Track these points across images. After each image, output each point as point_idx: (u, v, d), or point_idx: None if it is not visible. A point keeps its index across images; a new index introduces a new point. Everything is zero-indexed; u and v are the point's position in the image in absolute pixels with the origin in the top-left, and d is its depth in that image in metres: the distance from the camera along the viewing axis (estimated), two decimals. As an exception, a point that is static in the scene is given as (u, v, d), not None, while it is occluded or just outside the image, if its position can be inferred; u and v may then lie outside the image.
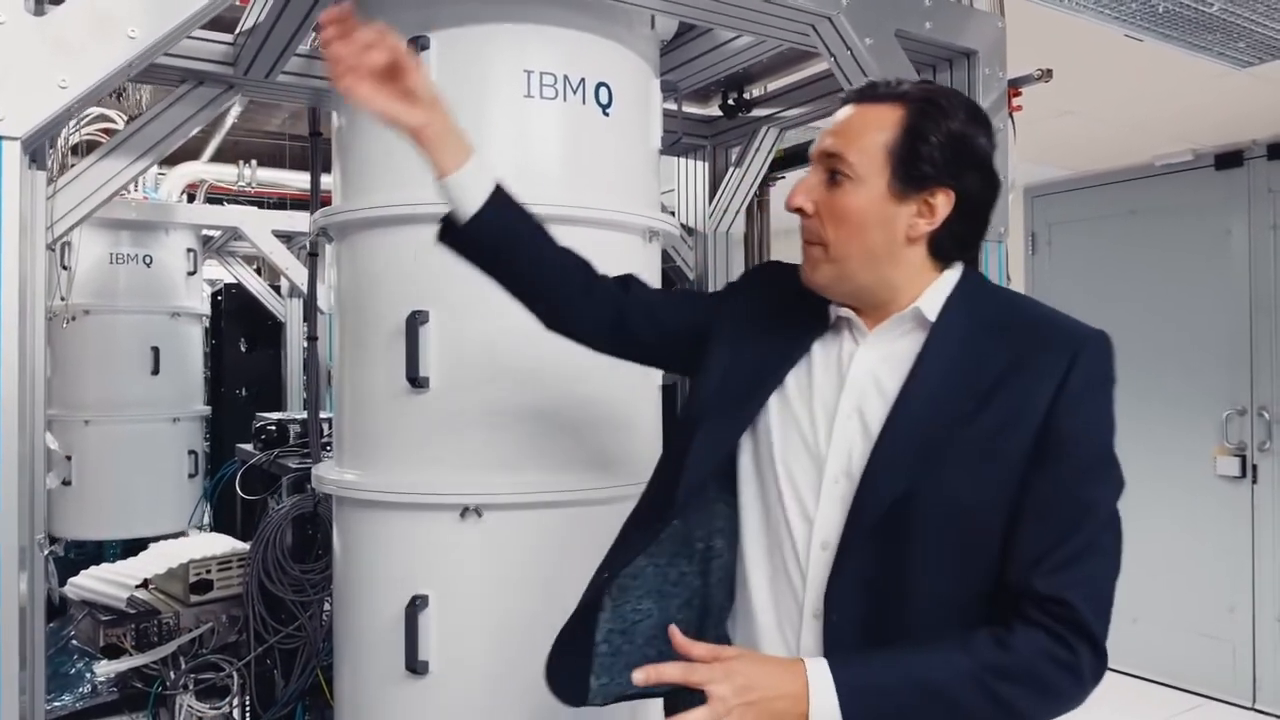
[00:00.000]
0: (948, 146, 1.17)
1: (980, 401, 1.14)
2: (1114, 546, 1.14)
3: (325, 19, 1.18)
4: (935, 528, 1.13)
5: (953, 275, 1.23)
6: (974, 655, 1.07)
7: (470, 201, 1.34)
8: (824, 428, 1.21)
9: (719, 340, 1.34)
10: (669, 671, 1.05)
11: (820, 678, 1.05)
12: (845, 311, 1.24)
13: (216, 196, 5.11)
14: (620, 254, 1.96)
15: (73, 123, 4.06)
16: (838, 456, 1.19)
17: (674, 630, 1.07)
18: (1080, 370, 1.13)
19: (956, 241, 1.22)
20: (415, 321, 1.81)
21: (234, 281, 5.81)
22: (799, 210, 1.22)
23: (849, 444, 1.19)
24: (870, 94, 1.22)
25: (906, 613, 1.14)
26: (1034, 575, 1.09)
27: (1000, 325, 1.19)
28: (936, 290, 1.21)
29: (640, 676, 1.05)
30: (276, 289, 5.68)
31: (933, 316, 1.20)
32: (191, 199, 4.92)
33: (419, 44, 1.82)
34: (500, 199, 1.35)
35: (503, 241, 1.37)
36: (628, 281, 1.46)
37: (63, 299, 3.91)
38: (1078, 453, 1.13)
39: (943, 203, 1.18)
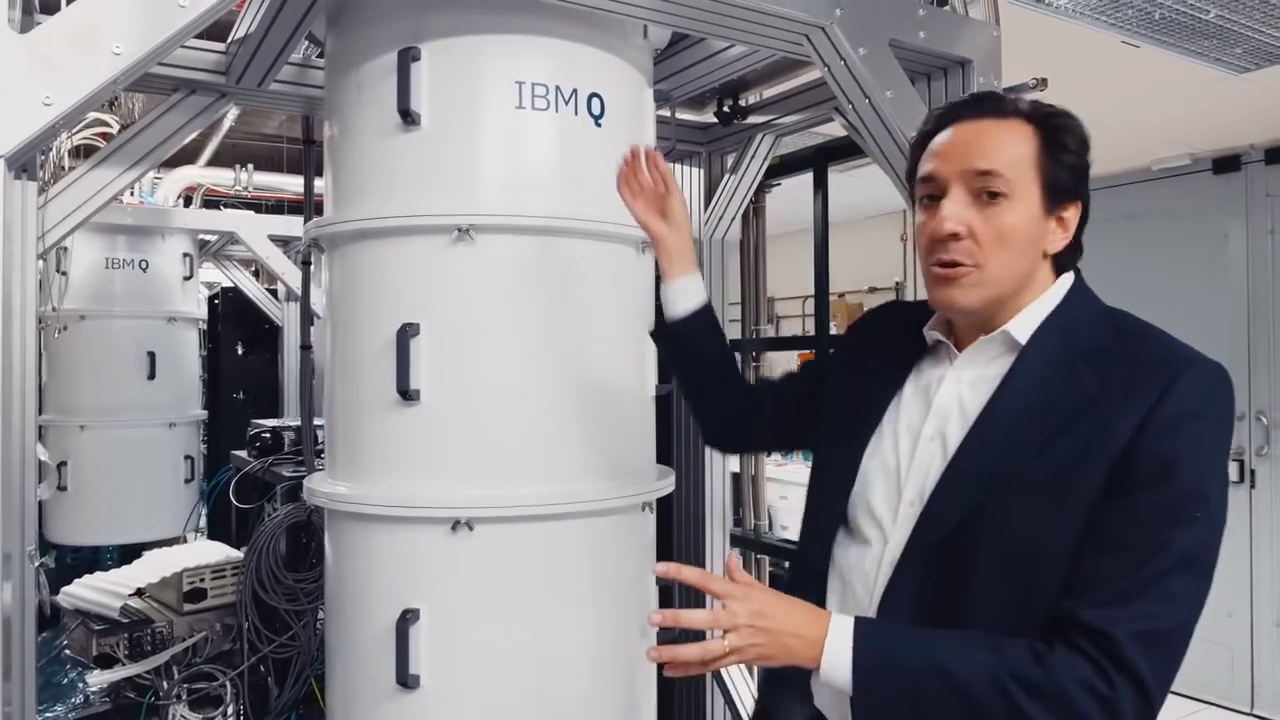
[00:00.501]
0: (1078, 159, 1.18)
1: (1058, 432, 1.09)
2: (1188, 592, 1.03)
3: (640, 153, 1.51)
4: (992, 556, 1.11)
5: (1062, 287, 1.21)
6: (1005, 660, 1.03)
7: (680, 307, 1.56)
8: (907, 451, 1.22)
9: (832, 384, 1.42)
10: (688, 573, 1.11)
11: (841, 631, 1.08)
12: (936, 334, 1.26)
13: (213, 200, 5.11)
14: (613, 265, 1.96)
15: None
16: (915, 480, 1.20)
17: (734, 556, 1.15)
18: (1175, 397, 1.05)
19: (1075, 253, 1.22)
20: (406, 334, 1.80)
21: (231, 285, 5.80)
22: (952, 236, 1.15)
23: (927, 467, 1.20)
24: (992, 109, 1.20)
25: (959, 615, 1.13)
26: (1083, 604, 1.03)
27: (1096, 349, 1.14)
28: (1038, 307, 1.19)
29: (661, 569, 1.12)
30: (274, 293, 5.67)
31: (1024, 338, 1.17)
32: (188, 203, 4.91)
33: (410, 55, 1.81)
34: (705, 314, 1.56)
35: (696, 347, 1.59)
36: (779, 384, 1.67)
37: (54, 309, 3.89)
38: (1158, 483, 1.04)
39: (1072, 215, 1.19)
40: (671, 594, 2.15)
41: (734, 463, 3.33)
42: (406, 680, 1.80)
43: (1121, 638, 1.00)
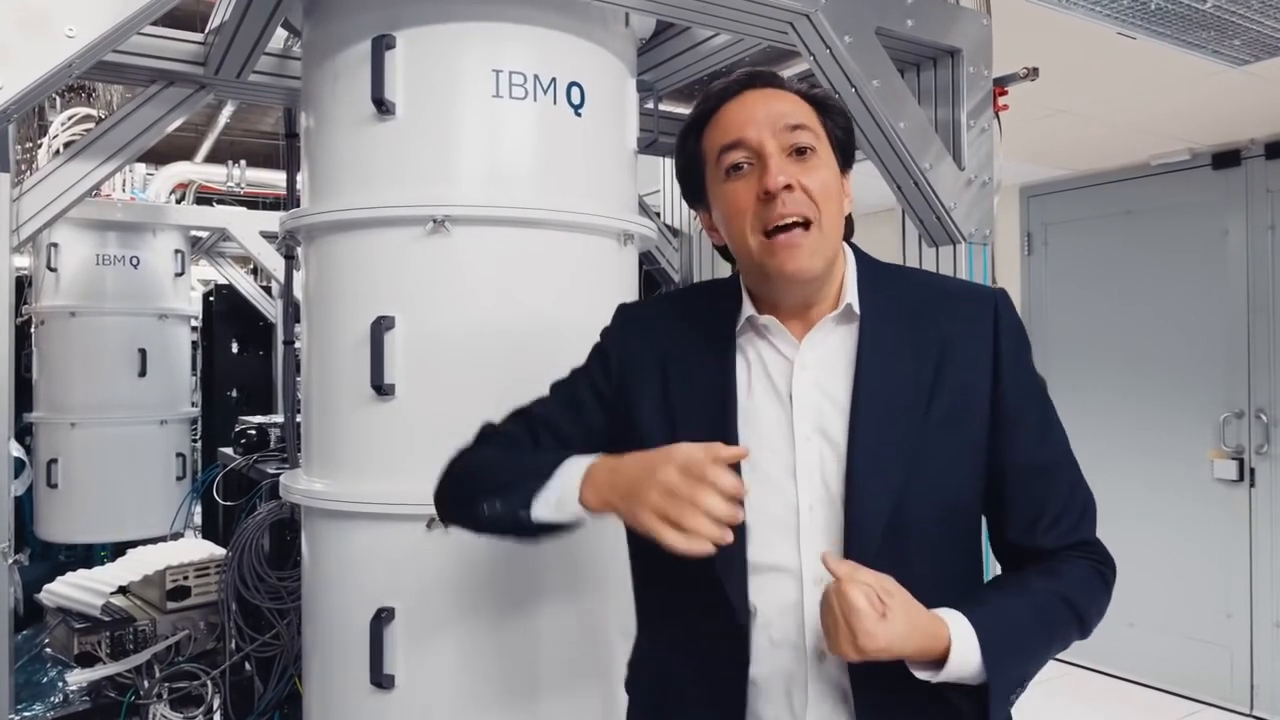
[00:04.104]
0: (848, 132, 1.20)
1: (930, 391, 1.13)
2: (1076, 463, 1.21)
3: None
4: (931, 529, 1.12)
5: (848, 251, 1.21)
6: (1057, 586, 1.13)
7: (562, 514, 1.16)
8: (786, 455, 1.12)
9: (639, 404, 1.21)
10: (841, 566, 1.02)
11: (958, 624, 1.04)
12: (767, 319, 1.17)
13: (206, 197, 5.08)
14: (594, 258, 1.92)
15: (56, 123, 4.03)
16: (808, 484, 1.11)
17: (828, 555, 1.04)
18: (1005, 332, 1.16)
19: (850, 223, 1.22)
20: (380, 327, 1.77)
21: (225, 283, 5.78)
22: (786, 188, 1.09)
23: (819, 468, 1.12)
24: (768, 82, 1.18)
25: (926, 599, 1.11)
26: (1046, 536, 1.16)
27: (915, 304, 1.18)
28: (849, 274, 1.19)
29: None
30: (268, 290, 5.64)
31: (858, 308, 1.17)
32: (182, 200, 4.89)
33: (385, 43, 1.78)
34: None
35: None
36: (526, 420, 1.31)
37: (27, 303, 3.87)
38: (1032, 410, 1.17)
39: (848, 184, 1.20)
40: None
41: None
42: (381, 681, 1.76)
43: (1090, 536, 1.19)
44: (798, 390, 1.14)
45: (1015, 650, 1.07)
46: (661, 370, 1.21)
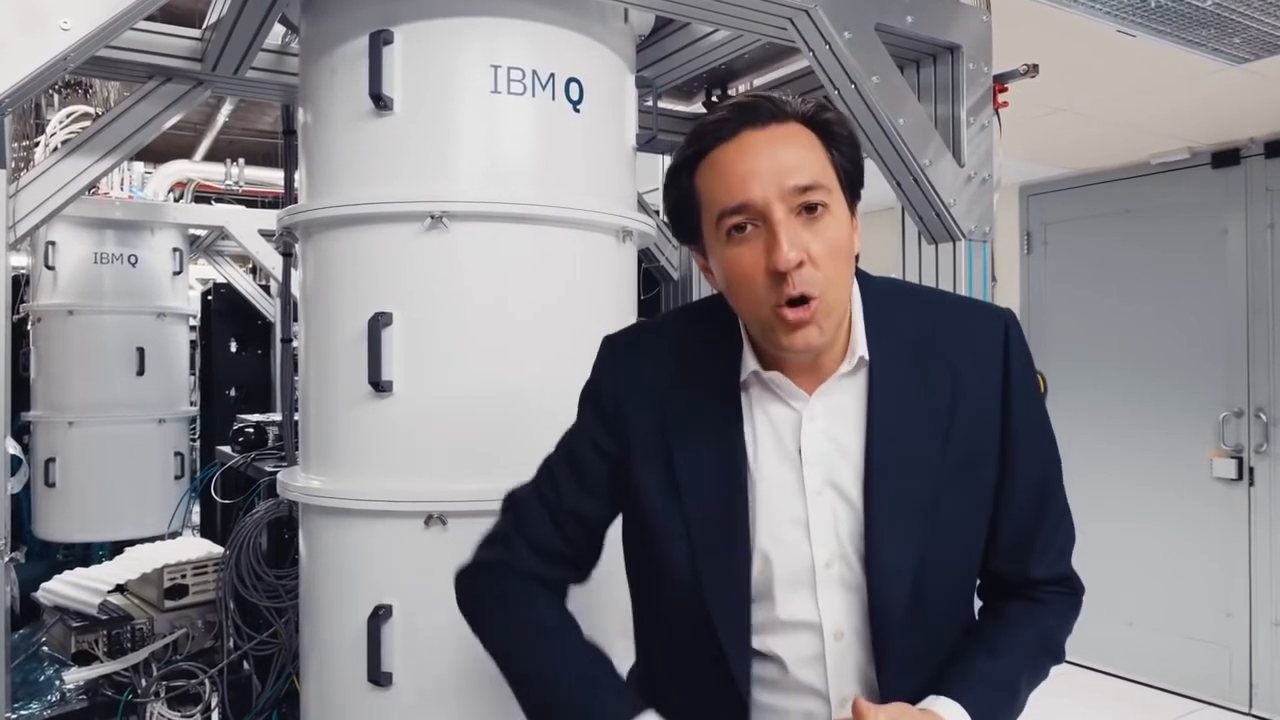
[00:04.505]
0: (854, 153, 1.09)
1: (945, 434, 1.09)
2: (1065, 492, 1.20)
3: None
4: (951, 579, 1.12)
5: (856, 291, 1.13)
6: (1034, 636, 1.15)
7: None
8: (796, 511, 1.09)
9: (640, 468, 1.14)
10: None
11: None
12: (773, 376, 1.10)
13: (205, 196, 5.07)
14: (592, 254, 1.92)
15: (54, 120, 4.02)
16: (823, 541, 1.08)
17: (860, 702, 0.98)
18: (1015, 359, 1.13)
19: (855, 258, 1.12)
20: (378, 323, 1.76)
21: (223, 281, 5.77)
22: (797, 266, 1.00)
23: (833, 522, 1.08)
24: (770, 115, 1.05)
25: (944, 649, 1.13)
26: (1031, 565, 1.15)
27: (923, 337, 1.12)
28: (857, 315, 1.12)
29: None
30: (266, 289, 5.64)
31: (866, 354, 1.10)
32: (180, 199, 4.88)
33: (382, 38, 1.77)
34: None
35: None
36: (551, 518, 1.22)
37: (24, 300, 3.85)
38: (1036, 438, 1.15)
39: (856, 218, 1.10)
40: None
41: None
42: (379, 679, 1.76)
43: (1070, 570, 1.19)
44: (806, 443, 1.09)
45: (1006, 713, 1.11)
46: (661, 429, 1.12)
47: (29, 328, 4.48)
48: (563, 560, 1.21)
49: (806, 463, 1.09)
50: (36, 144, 4.23)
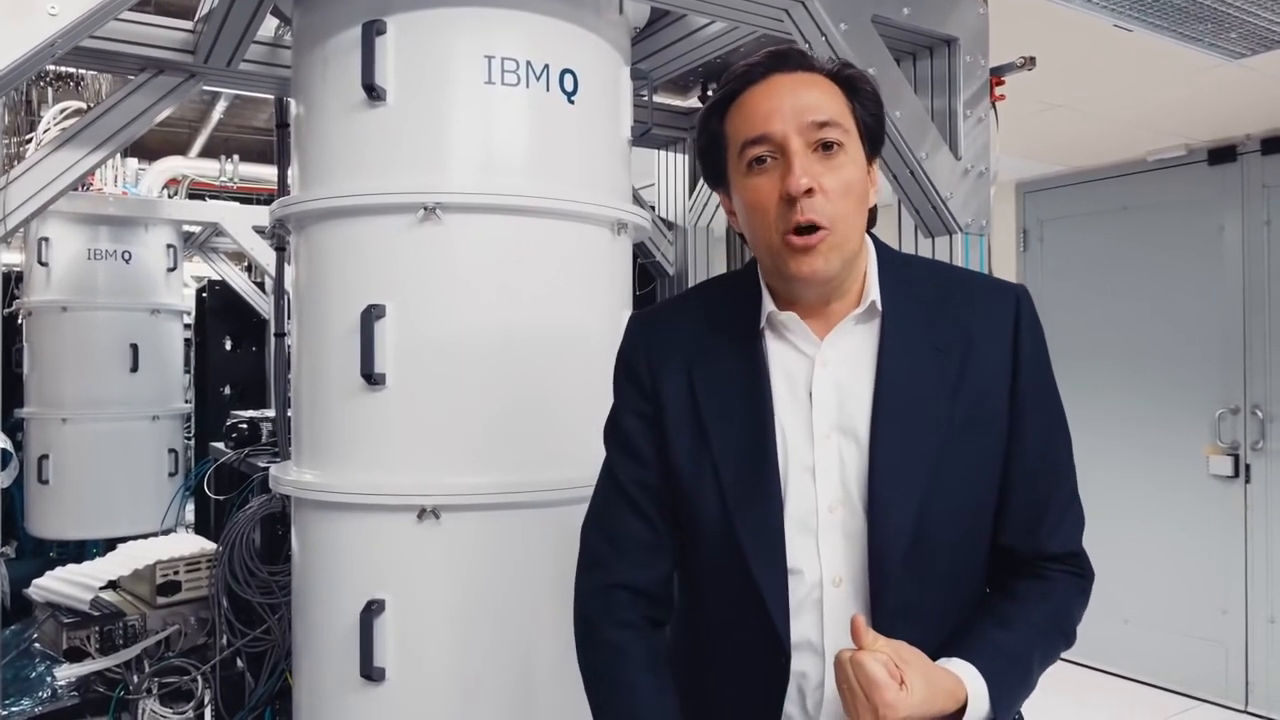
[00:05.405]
0: (878, 112, 1.15)
1: (954, 390, 1.11)
2: (1075, 470, 1.20)
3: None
4: (952, 533, 1.11)
5: (869, 243, 1.17)
6: (1048, 615, 1.14)
7: None
8: (804, 455, 1.11)
9: (668, 411, 1.17)
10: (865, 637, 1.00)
11: (974, 682, 1.04)
12: (787, 316, 1.13)
13: (199, 193, 5.04)
14: (586, 246, 1.90)
15: (48, 117, 4.00)
16: (829, 483, 1.10)
17: (859, 620, 1.00)
18: (1025, 330, 1.14)
19: (874, 211, 1.18)
20: (371, 316, 1.75)
21: (218, 278, 5.74)
22: (807, 192, 1.05)
23: (839, 466, 1.10)
24: (798, 63, 1.12)
25: (943, 615, 1.13)
26: (1042, 539, 1.15)
27: (936, 298, 1.15)
28: (870, 268, 1.15)
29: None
30: (261, 286, 5.61)
31: (879, 304, 1.14)
32: (174, 196, 4.85)
33: (375, 28, 1.76)
34: None
35: None
36: (627, 502, 1.22)
37: (16, 296, 3.82)
38: (1045, 411, 1.16)
39: (875, 172, 1.16)
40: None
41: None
42: (371, 673, 1.74)
43: (1080, 548, 1.18)
44: (817, 388, 1.12)
45: (1020, 688, 1.10)
46: (689, 384, 1.16)
47: (19, 322, 4.46)
48: (653, 550, 1.20)
49: (816, 407, 1.11)
50: (29, 140, 4.21)
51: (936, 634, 1.09)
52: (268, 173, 4.89)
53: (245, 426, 3.24)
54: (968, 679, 1.03)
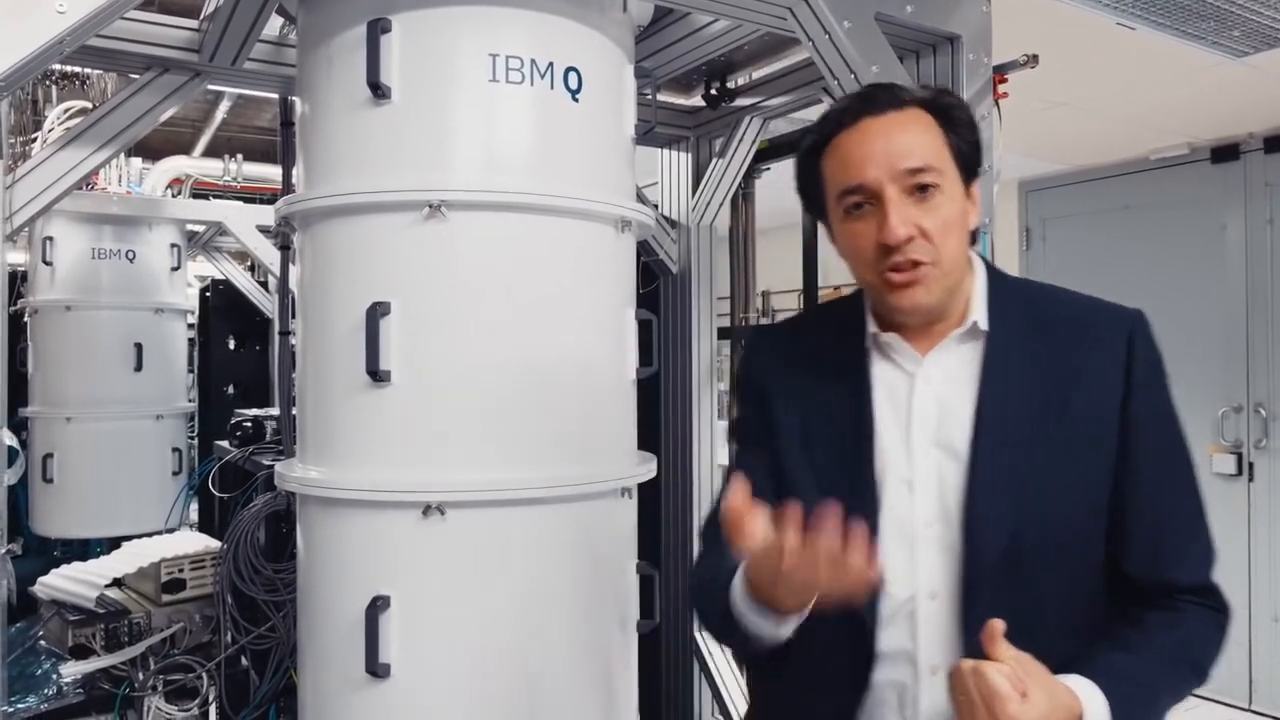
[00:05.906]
0: (972, 134, 1.18)
1: (1056, 414, 1.12)
2: (1203, 503, 1.18)
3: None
4: (1050, 555, 1.11)
5: (979, 264, 1.21)
6: (1177, 642, 1.11)
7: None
8: (902, 470, 1.14)
9: (778, 420, 1.23)
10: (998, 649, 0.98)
11: (1097, 702, 1.02)
12: (889, 337, 1.18)
13: (203, 193, 5.05)
14: (591, 244, 1.91)
15: (52, 116, 4.01)
16: (926, 498, 1.13)
17: (996, 625, 0.97)
18: (1140, 358, 1.14)
19: (976, 230, 1.21)
20: (376, 313, 1.75)
21: (222, 278, 5.75)
22: (907, 240, 1.10)
23: (937, 482, 1.13)
24: (888, 103, 1.15)
25: (1039, 636, 1.06)
26: (1166, 569, 1.13)
27: (1046, 323, 1.17)
28: (977, 289, 1.18)
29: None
30: (265, 285, 5.62)
31: (985, 324, 1.16)
32: (178, 195, 4.86)
33: (380, 26, 1.77)
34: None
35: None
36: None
37: (21, 295, 3.83)
38: (1161, 438, 1.15)
39: (975, 191, 1.18)
40: (653, 582, 2.10)
41: (723, 453, 3.28)
42: (376, 669, 1.75)
43: (1212, 581, 1.15)
44: (917, 403, 1.15)
45: (1142, 713, 1.08)
46: (797, 388, 1.22)
47: (25, 320, 4.47)
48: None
49: (915, 423, 1.15)
50: (34, 139, 4.22)
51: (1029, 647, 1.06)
52: (271, 172, 4.89)
53: (250, 424, 3.25)
54: (1086, 696, 1.01)
